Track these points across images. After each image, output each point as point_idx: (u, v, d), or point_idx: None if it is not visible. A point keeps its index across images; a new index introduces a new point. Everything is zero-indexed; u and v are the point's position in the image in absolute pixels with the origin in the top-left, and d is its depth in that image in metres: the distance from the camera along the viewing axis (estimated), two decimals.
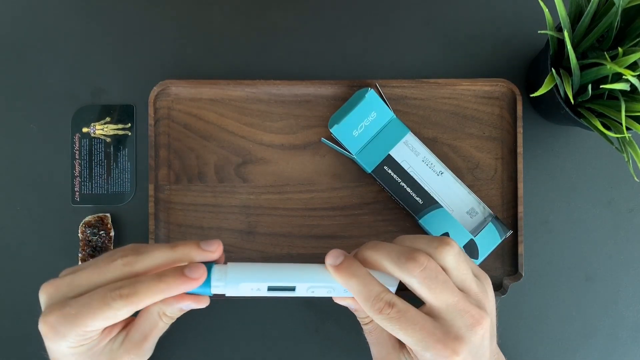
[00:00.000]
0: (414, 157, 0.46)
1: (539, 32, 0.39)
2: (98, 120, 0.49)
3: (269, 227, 0.48)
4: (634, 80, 0.37)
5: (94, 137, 0.49)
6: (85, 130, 0.49)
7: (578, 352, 0.49)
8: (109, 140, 0.49)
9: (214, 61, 0.49)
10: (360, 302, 0.35)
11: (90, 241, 0.47)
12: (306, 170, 0.48)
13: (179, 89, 0.48)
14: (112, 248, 0.47)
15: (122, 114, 0.49)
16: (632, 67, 0.38)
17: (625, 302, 0.49)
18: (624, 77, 0.38)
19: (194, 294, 0.36)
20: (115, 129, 0.49)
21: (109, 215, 0.48)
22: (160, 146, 0.48)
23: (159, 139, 0.48)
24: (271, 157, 0.48)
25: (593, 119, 0.40)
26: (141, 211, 0.48)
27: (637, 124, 0.39)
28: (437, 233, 0.46)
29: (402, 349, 0.37)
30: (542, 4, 0.39)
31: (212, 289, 0.36)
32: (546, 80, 0.39)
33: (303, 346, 0.48)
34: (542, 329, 0.49)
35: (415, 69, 0.50)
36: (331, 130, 0.47)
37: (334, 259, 0.36)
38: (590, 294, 0.49)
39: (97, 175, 0.49)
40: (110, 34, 0.49)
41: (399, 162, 0.46)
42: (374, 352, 0.40)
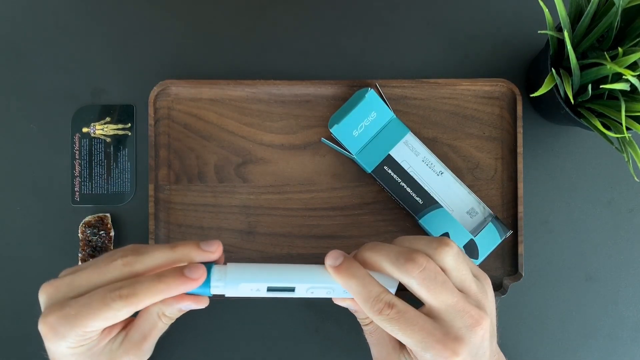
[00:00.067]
0: (414, 157, 0.46)
1: (539, 32, 0.39)
2: (98, 120, 0.49)
3: (269, 227, 0.48)
4: (634, 80, 0.37)
5: (94, 137, 0.49)
6: (85, 130, 0.49)
7: (578, 352, 0.49)
8: (109, 140, 0.49)
9: (214, 61, 0.49)
10: (359, 303, 0.35)
11: (90, 241, 0.47)
12: (306, 170, 0.48)
13: (179, 89, 0.48)
14: (112, 248, 0.47)
15: (122, 114, 0.49)
16: (632, 67, 0.38)
17: (625, 302, 0.49)
18: (624, 77, 0.38)
19: (194, 295, 0.36)
20: (115, 129, 0.49)
21: (109, 215, 0.48)
22: (160, 146, 0.48)
23: (159, 139, 0.48)
24: (271, 157, 0.48)
25: (593, 119, 0.40)
26: (141, 211, 0.48)
27: (637, 124, 0.39)
28: (437, 233, 0.46)
29: (403, 349, 0.37)
30: (542, 4, 0.39)
31: (212, 290, 0.36)
32: (546, 80, 0.39)
33: (303, 346, 0.48)
34: (542, 329, 0.49)
35: (415, 69, 0.50)
36: (331, 130, 0.47)
37: (333, 259, 0.36)
38: (590, 294, 0.49)
39: (97, 175, 0.49)
40: (110, 34, 0.49)
41: (399, 162, 0.46)
42: (374, 353, 0.40)
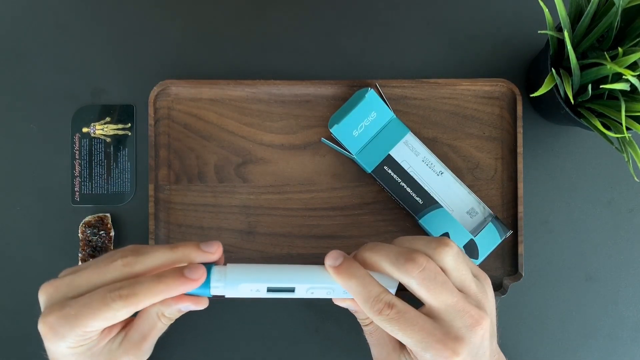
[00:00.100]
0: (414, 157, 0.46)
1: (539, 32, 0.39)
2: (98, 120, 0.49)
3: (269, 227, 0.48)
4: (634, 80, 0.37)
5: (94, 137, 0.49)
6: (85, 130, 0.49)
7: (578, 352, 0.49)
8: (109, 140, 0.49)
9: (214, 61, 0.49)
10: (359, 303, 0.35)
11: (90, 241, 0.47)
12: (306, 170, 0.48)
13: (179, 89, 0.48)
14: (112, 248, 0.47)
15: (122, 114, 0.49)
16: (632, 67, 0.38)
17: (625, 302, 0.49)
18: (624, 77, 0.38)
19: (193, 295, 0.36)
20: (115, 129, 0.49)
21: (109, 215, 0.48)
22: (160, 146, 0.48)
23: (159, 139, 0.48)
24: (271, 157, 0.48)
25: (593, 119, 0.40)
26: (141, 211, 0.48)
27: (637, 124, 0.39)
28: (437, 233, 0.46)
29: (403, 350, 0.37)
30: (542, 4, 0.39)
31: (212, 290, 0.36)
32: (546, 80, 0.39)
33: (303, 346, 0.48)
34: (542, 329, 0.49)
35: (415, 69, 0.50)
36: (331, 130, 0.47)
37: (333, 260, 0.36)
38: (590, 294, 0.49)
39: (97, 175, 0.49)
40: (110, 34, 0.49)
41: (399, 162, 0.46)
42: (375, 353, 0.40)
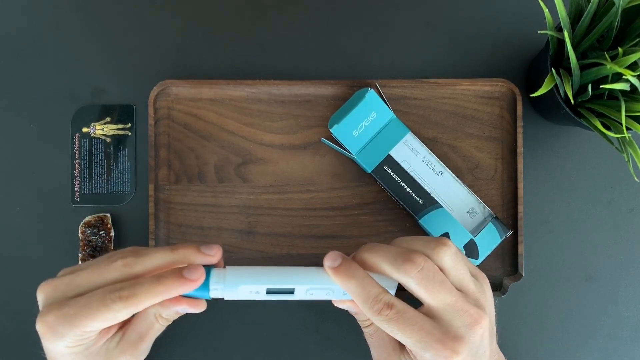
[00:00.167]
0: (414, 157, 0.46)
1: (539, 32, 0.39)
2: (98, 120, 0.49)
3: (269, 227, 0.48)
4: (634, 80, 0.37)
5: (94, 137, 0.49)
6: (85, 130, 0.49)
7: (578, 352, 0.49)
8: (109, 140, 0.49)
9: (214, 61, 0.49)
10: (358, 304, 0.35)
11: (90, 241, 0.47)
12: (306, 170, 0.48)
13: (179, 89, 0.48)
14: (112, 248, 0.47)
15: (122, 114, 0.49)
16: (632, 67, 0.38)
17: (625, 302, 0.49)
18: (624, 77, 0.38)
19: (192, 298, 0.36)
20: (115, 129, 0.49)
21: (109, 215, 0.48)
22: (160, 146, 0.48)
23: (159, 139, 0.48)
24: (271, 157, 0.48)
25: (593, 119, 0.40)
26: (141, 211, 0.48)
27: (637, 124, 0.39)
28: (437, 233, 0.46)
29: (403, 350, 0.37)
30: (542, 4, 0.39)
31: (211, 292, 0.36)
32: (546, 80, 0.39)
33: (303, 346, 0.48)
34: (542, 329, 0.49)
35: (415, 69, 0.50)
36: (331, 130, 0.47)
37: (332, 261, 0.36)
38: (590, 294, 0.49)
39: (97, 175, 0.49)
40: (110, 34, 0.49)
41: (399, 162, 0.46)
42: (375, 355, 0.40)
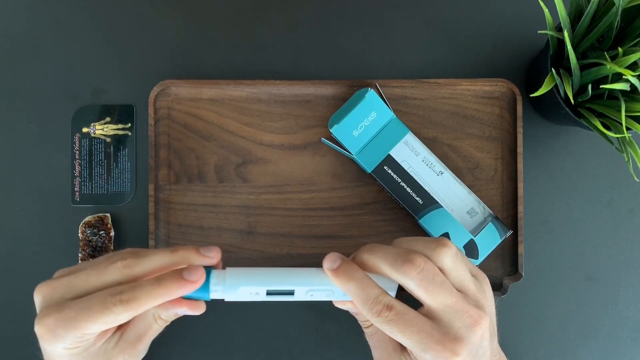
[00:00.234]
0: (414, 157, 0.46)
1: (539, 32, 0.39)
2: (98, 120, 0.49)
3: (269, 227, 0.48)
4: (634, 80, 0.37)
5: (94, 137, 0.49)
6: (85, 130, 0.49)
7: (578, 352, 0.49)
8: (109, 140, 0.49)
9: (214, 61, 0.49)
10: (358, 306, 0.35)
11: (90, 241, 0.47)
12: (306, 170, 0.48)
13: (179, 89, 0.48)
14: (112, 248, 0.47)
15: (122, 114, 0.49)
16: (632, 67, 0.38)
17: (625, 302, 0.49)
18: (624, 77, 0.38)
19: (191, 300, 0.36)
20: (115, 129, 0.49)
21: (109, 215, 0.48)
22: (160, 146, 0.48)
23: (159, 139, 0.48)
24: (271, 157, 0.48)
25: (593, 119, 0.40)
26: (141, 211, 0.48)
27: (637, 124, 0.39)
28: (437, 233, 0.46)
29: (403, 351, 0.37)
30: (542, 4, 0.39)
31: (211, 294, 0.36)
32: (546, 80, 0.39)
33: (303, 346, 0.48)
34: (542, 329, 0.49)
35: (415, 69, 0.50)
36: (331, 130, 0.47)
37: (331, 262, 0.36)
38: (590, 294, 0.49)
39: (97, 175, 0.49)
40: (110, 34, 0.49)
41: (399, 162, 0.46)
42: (375, 355, 0.40)
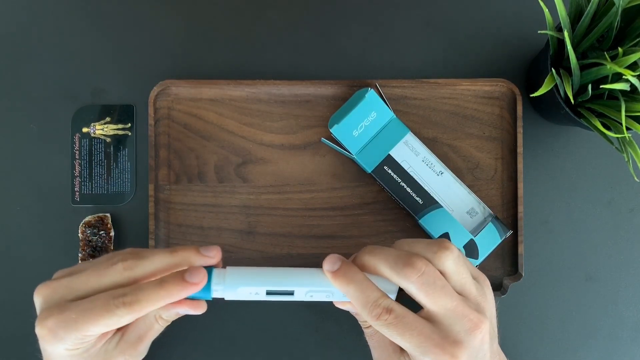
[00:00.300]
0: (414, 157, 0.46)
1: (539, 32, 0.39)
2: (98, 120, 0.49)
3: (269, 227, 0.48)
4: (634, 80, 0.37)
5: (94, 137, 0.49)
6: (85, 130, 0.49)
7: (578, 352, 0.49)
8: (109, 140, 0.49)
9: (214, 61, 0.49)
10: (357, 308, 0.35)
11: (90, 241, 0.47)
12: (306, 170, 0.48)
13: (179, 89, 0.48)
14: (112, 248, 0.47)
15: (122, 114, 0.49)
16: (632, 67, 0.38)
17: (625, 302, 0.49)
18: (624, 77, 0.38)
19: (192, 300, 0.36)
20: (115, 129, 0.49)
21: (109, 215, 0.48)
22: (160, 146, 0.48)
23: (159, 139, 0.48)
24: (271, 157, 0.48)
25: (593, 119, 0.40)
26: (141, 211, 0.48)
27: (637, 124, 0.39)
28: (437, 233, 0.46)
29: (403, 352, 0.37)
30: (542, 4, 0.39)
31: (211, 293, 0.36)
32: (546, 80, 0.39)
33: (303, 346, 0.48)
34: (542, 329, 0.49)
35: (415, 69, 0.50)
36: (331, 130, 0.47)
37: (331, 264, 0.36)
38: (590, 294, 0.49)
39: (97, 175, 0.49)
40: (110, 34, 0.49)
41: (399, 162, 0.46)
42: (375, 356, 0.40)
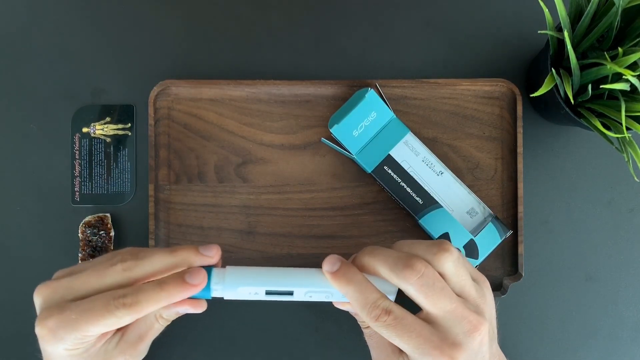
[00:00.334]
0: (414, 157, 0.46)
1: (539, 32, 0.39)
2: (98, 120, 0.49)
3: (269, 227, 0.48)
4: (634, 80, 0.37)
5: (94, 137, 0.49)
6: (85, 130, 0.49)
7: (578, 352, 0.49)
8: (109, 140, 0.49)
9: (214, 61, 0.49)
10: (356, 309, 0.35)
11: (90, 241, 0.47)
12: (306, 170, 0.48)
13: (179, 89, 0.48)
14: (112, 248, 0.47)
15: (122, 114, 0.49)
16: (632, 67, 0.38)
17: (625, 302, 0.49)
18: (624, 77, 0.38)
19: (193, 299, 0.36)
20: (115, 129, 0.49)
21: (109, 215, 0.48)
22: (160, 146, 0.48)
23: (159, 139, 0.48)
24: (271, 157, 0.48)
25: (593, 119, 0.40)
26: (141, 211, 0.48)
27: (637, 124, 0.39)
28: (437, 233, 0.46)
29: (402, 353, 0.37)
30: (542, 4, 0.39)
31: (211, 293, 0.36)
32: (546, 80, 0.39)
33: (303, 346, 0.48)
34: (542, 329, 0.49)
35: (415, 69, 0.50)
36: (331, 130, 0.47)
37: (330, 265, 0.36)
38: (590, 294, 0.49)
39: (97, 175, 0.49)
40: (110, 34, 0.49)
41: (399, 162, 0.46)
42: (374, 356, 0.40)
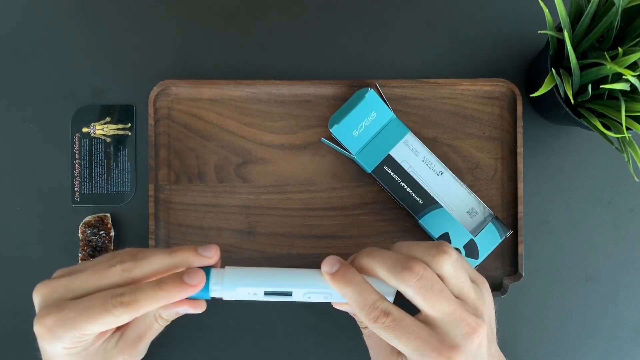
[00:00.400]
0: (414, 157, 0.46)
1: (539, 32, 0.39)
2: (98, 120, 0.49)
3: (269, 227, 0.48)
4: (634, 80, 0.37)
5: (94, 137, 0.49)
6: (85, 130, 0.49)
7: (578, 352, 0.49)
8: (109, 140, 0.49)
9: (214, 61, 0.49)
10: (355, 311, 0.35)
11: (90, 241, 0.47)
12: (306, 170, 0.48)
13: (179, 89, 0.48)
14: (112, 248, 0.47)
15: (122, 114, 0.49)
16: (632, 67, 0.38)
17: (625, 302, 0.49)
18: (624, 77, 0.38)
19: (192, 299, 0.37)
20: (115, 129, 0.49)
21: (109, 215, 0.48)
22: (160, 146, 0.48)
23: (159, 139, 0.48)
24: (271, 157, 0.48)
25: (593, 119, 0.40)
26: (141, 211, 0.48)
27: (637, 124, 0.39)
28: (437, 233, 0.46)
29: (400, 353, 0.37)
30: (542, 4, 0.39)
31: (210, 293, 0.36)
32: (546, 80, 0.39)
33: (303, 346, 0.48)
34: (542, 329, 0.49)
35: (415, 69, 0.50)
36: (331, 130, 0.47)
37: (329, 266, 0.36)
38: (590, 294, 0.49)
39: (97, 175, 0.49)
40: (110, 34, 0.49)
41: (399, 162, 0.46)
42: (372, 355, 0.40)
